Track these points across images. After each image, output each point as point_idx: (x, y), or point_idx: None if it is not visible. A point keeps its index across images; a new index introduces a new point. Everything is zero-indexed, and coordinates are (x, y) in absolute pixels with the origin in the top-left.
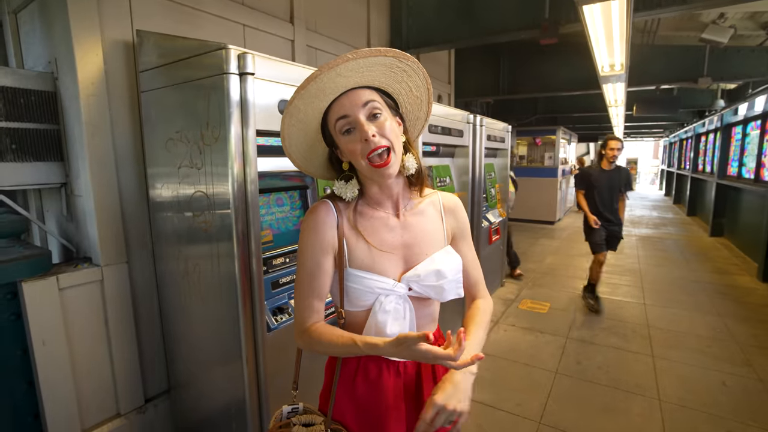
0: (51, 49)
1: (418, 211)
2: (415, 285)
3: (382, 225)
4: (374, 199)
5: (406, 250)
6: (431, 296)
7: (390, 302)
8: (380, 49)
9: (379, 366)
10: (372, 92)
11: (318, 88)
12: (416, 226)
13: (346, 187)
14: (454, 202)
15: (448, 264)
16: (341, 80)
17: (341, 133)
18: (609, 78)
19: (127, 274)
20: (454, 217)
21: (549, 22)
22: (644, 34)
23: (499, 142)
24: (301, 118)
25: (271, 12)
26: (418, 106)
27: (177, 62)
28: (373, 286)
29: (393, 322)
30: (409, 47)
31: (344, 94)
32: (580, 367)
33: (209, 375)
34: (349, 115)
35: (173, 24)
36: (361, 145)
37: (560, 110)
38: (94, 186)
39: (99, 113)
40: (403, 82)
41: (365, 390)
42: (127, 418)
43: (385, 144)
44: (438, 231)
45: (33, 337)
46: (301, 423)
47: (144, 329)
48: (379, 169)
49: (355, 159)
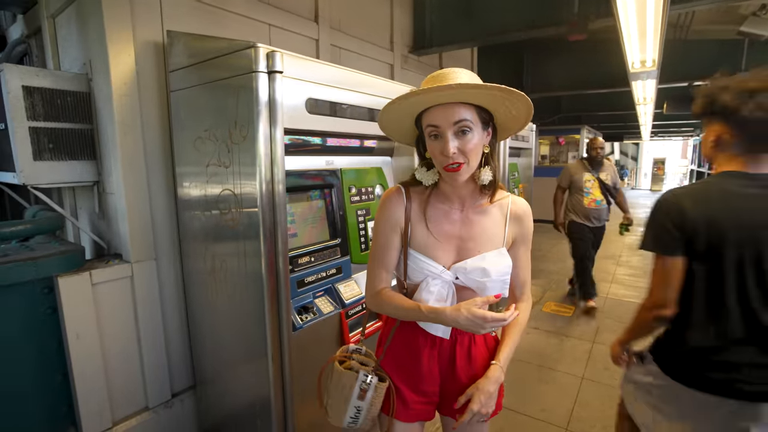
0: (86, 51)
1: (482, 210)
2: (462, 276)
3: (444, 216)
4: (444, 194)
5: (460, 242)
6: (474, 288)
7: (435, 285)
8: (494, 86)
9: (416, 335)
10: (468, 109)
11: (419, 100)
12: (476, 223)
13: (427, 173)
14: (523, 209)
15: (496, 265)
16: (444, 97)
17: (429, 135)
18: (639, 75)
19: (155, 270)
20: (519, 224)
21: (578, 17)
22: (677, 28)
23: (524, 142)
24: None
25: (296, 11)
26: (512, 121)
27: (206, 62)
28: (424, 267)
29: (435, 303)
30: (432, 45)
31: (444, 104)
32: (608, 373)
33: (234, 372)
34: (439, 126)
35: (201, 24)
36: (440, 156)
37: (585, 109)
38: (126, 184)
39: (131, 113)
40: (503, 105)
41: (405, 349)
42: (155, 411)
43: (461, 161)
44: (497, 233)
45: (68, 331)
46: (359, 360)
47: (171, 325)
48: (450, 172)
49: (435, 159)
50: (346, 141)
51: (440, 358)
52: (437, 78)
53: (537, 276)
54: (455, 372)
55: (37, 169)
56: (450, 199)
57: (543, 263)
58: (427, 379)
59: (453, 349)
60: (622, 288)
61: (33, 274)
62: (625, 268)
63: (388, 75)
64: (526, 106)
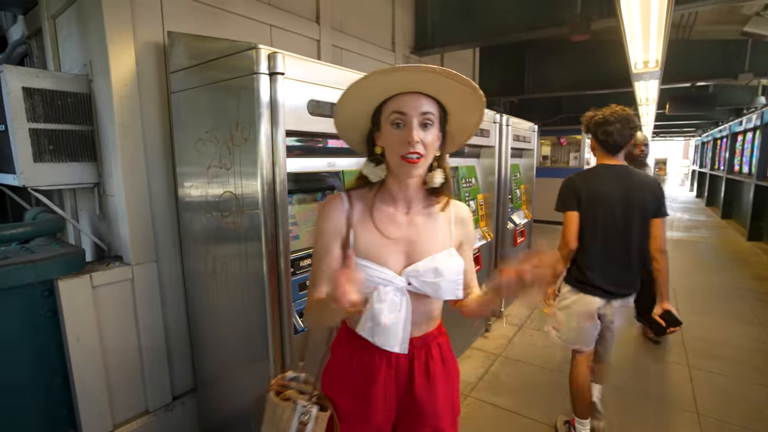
0: (86, 53)
1: (428, 212)
2: (414, 280)
3: (390, 219)
4: (390, 194)
5: (409, 245)
6: (428, 293)
7: (388, 293)
8: (466, 80)
9: (371, 354)
10: (434, 103)
11: (398, 78)
12: (423, 225)
13: (375, 168)
14: (465, 213)
15: (448, 264)
16: (419, 83)
17: (391, 123)
18: (642, 75)
19: (156, 272)
20: (464, 227)
21: (581, 17)
22: (679, 28)
23: (525, 143)
24: (365, 94)
25: (297, 12)
26: (462, 131)
27: (207, 63)
28: (374, 275)
29: (388, 313)
30: (434, 46)
31: (411, 92)
32: (621, 378)
33: (235, 374)
34: (406, 114)
35: (202, 25)
36: (401, 145)
37: (586, 109)
38: (126, 186)
39: (131, 114)
40: (463, 108)
41: (360, 368)
42: (155, 415)
43: (421, 153)
44: (445, 235)
45: (68, 334)
46: (297, 389)
47: (172, 328)
48: (407, 164)
49: (392, 150)
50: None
51: (398, 379)
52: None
53: None
54: (414, 391)
55: (37, 170)
56: (396, 200)
57: None
58: (381, 405)
59: (411, 365)
60: None
61: (33, 276)
62: None
63: None
64: (480, 114)
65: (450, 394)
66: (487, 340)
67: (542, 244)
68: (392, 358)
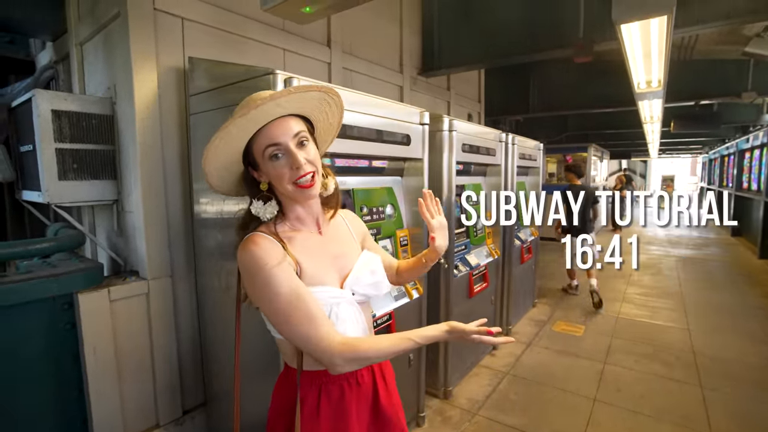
0: (111, 77)
1: (333, 225)
2: (357, 287)
3: (309, 241)
4: (299, 218)
5: (336, 261)
6: (371, 294)
7: (343, 310)
8: (314, 86)
9: (341, 385)
10: (299, 121)
11: (257, 115)
12: (337, 238)
13: (264, 207)
14: (350, 213)
15: (375, 262)
16: (279, 110)
17: (269, 157)
18: (645, 95)
19: (171, 287)
20: (358, 224)
21: (584, 40)
22: (681, 49)
23: (531, 161)
24: (229, 141)
25: (309, 37)
26: (328, 131)
27: (226, 86)
28: (325, 297)
29: (351, 329)
30: (440, 67)
31: (273, 122)
32: (620, 395)
33: (245, 390)
34: (280, 144)
35: (221, 50)
36: (290, 172)
37: (592, 127)
38: (145, 203)
39: (152, 134)
40: (323, 112)
41: (329, 414)
42: (166, 429)
43: (312, 169)
44: (352, 239)
45: (85, 347)
46: None
47: (184, 342)
48: (306, 189)
49: (281, 181)
50: (356, 161)
51: (366, 397)
52: (252, 100)
53: (545, 295)
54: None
55: (61, 188)
56: (305, 222)
57: (551, 282)
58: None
59: (373, 376)
60: (633, 308)
61: (55, 290)
62: (636, 287)
63: (397, 96)
64: (340, 110)
65: (398, 398)
66: (494, 357)
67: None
68: (358, 376)
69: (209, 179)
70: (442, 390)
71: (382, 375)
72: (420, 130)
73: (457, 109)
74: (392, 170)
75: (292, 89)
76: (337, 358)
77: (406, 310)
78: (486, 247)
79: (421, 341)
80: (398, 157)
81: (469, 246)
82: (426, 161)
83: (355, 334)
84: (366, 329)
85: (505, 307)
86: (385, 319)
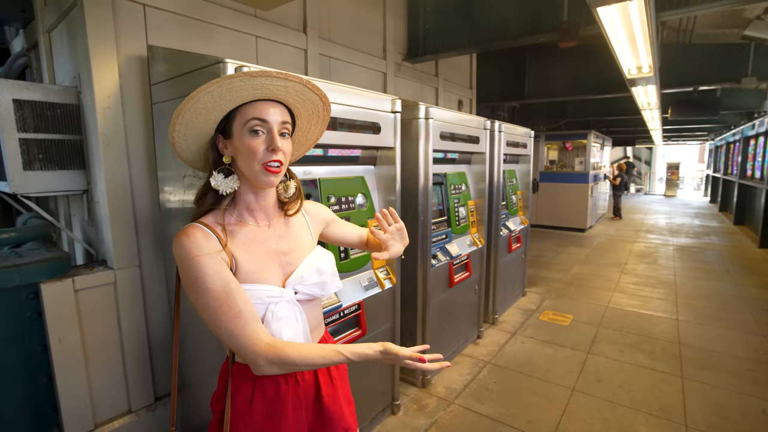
0: (75, 65)
1: (286, 221)
2: (300, 287)
3: (255, 234)
4: (248, 209)
5: (282, 257)
6: (316, 294)
7: (281, 309)
8: (318, 87)
9: (277, 381)
10: (288, 114)
11: (258, 85)
12: (287, 234)
13: (226, 180)
14: (312, 206)
15: (324, 261)
16: (282, 91)
17: (249, 130)
18: (637, 81)
19: (139, 277)
20: (317, 216)
21: (567, 24)
22: (680, 32)
23: (521, 148)
24: (221, 95)
25: (283, 23)
26: (302, 144)
27: (182, 75)
28: (261, 296)
29: (287, 328)
30: (427, 53)
31: (268, 100)
32: (600, 385)
33: (216, 377)
34: (267, 122)
35: (187, 38)
36: (264, 152)
37: (592, 114)
38: (109, 193)
39: (114, 124)
40: (310, 123)
41: (263, 410)
42: (137, 415)
43: (282, 161)
44: (307, 236)
45: (50, 335)
46: None
47: (155, 331)
48: (271, 174)
49: (249, 158)
50: (323, 151)
51: (306, 396)
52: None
53: (537, 284)
54: (322, 402)
55: (27, 178)
56: (254, 214)
57: (545, 271)
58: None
59: (315, 375)
60: (624, 297)
61: (17, 280)
62: (630, 276)
63: (380, 83)
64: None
65: (347, 391)
66: (478, 346)
67: (540, 249)
68: (297, 375)
69: (173, 135)
70: (420, 378)
71: (328, 371)
72: (392, 118)
73: (446, 95)
74: (365, 159)
75: (312, 84)
76: (261, 359)
77: (377, 301)
78: (470, 236)
79: (352, 357)
80: (368, 146)
81: (450, 235)
82: (398, 150)
83: (292, 334)
84: (307, 330)
85: (491, 296)
86: (353, 309)
